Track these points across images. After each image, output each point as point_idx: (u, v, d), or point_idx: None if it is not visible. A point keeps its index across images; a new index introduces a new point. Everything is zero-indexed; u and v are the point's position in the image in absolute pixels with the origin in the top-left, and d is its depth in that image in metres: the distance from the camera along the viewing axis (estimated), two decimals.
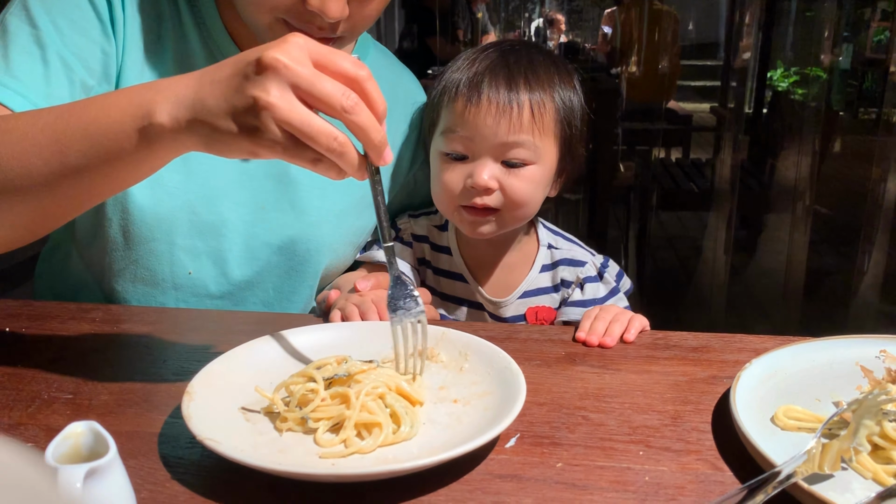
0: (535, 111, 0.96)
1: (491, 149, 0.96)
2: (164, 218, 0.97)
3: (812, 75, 4.81)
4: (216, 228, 1.00)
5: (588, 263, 1.07)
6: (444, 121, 1.00)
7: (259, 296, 1.05)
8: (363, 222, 1.09)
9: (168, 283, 1.01)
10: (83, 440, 0.54)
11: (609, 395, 0.75)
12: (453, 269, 1.10)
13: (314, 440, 0.66)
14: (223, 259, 1.01)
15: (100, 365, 0.82)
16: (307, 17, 0.83)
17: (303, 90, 0.60)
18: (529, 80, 0.96)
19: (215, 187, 0.98)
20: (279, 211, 1.02)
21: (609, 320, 0.88)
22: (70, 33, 0.88)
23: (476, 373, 0.75)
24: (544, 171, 0.99)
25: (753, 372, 0.74)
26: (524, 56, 0.99)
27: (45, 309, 0.97)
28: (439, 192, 1.02)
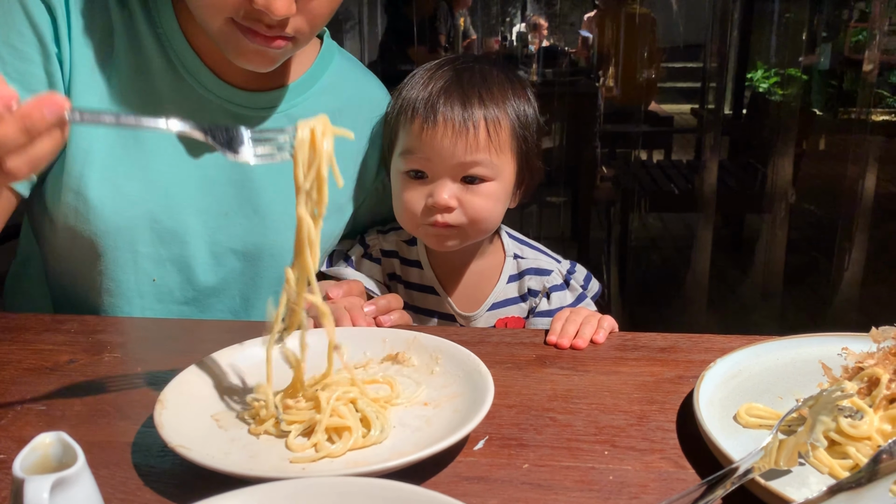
0: (491, 130, 0.98)
1: (449, 168, 0.98)
2: (126, 227, 0.98)
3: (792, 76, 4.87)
4: (179, 236, 1.00)
5: (554, 272, 1.09)
6: (402, 141, 1.02)
7: (225, 302, 1.06)
8: (328, 227, 1.10)
9: (133, 291, 1.02)
10: (52, 451, 0.54)
11: (577, 396, 0.76)
12: (424, 283, 1.11)
13: (286, 444, 0.66)
14: (188, 266, 1.02)
15: (73, 376, 0.82)
16: (255, 15, 0.85)
17: None
18: (484, 99, 0.98)
19: (176, 195, 0.99)
20: (243, 217, 1.02)
21: (579, 322, 0.90)
22: (12, 60, 0.90)
23: (446, 376, 0.76)
24: (503, 185, 1.01)
25: (718, 371, 0.75)
26: (478, 73, 1.01)
27: (19, 321, 0.97)
28: (402, 212, 1.04)
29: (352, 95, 1.11)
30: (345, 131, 0.71)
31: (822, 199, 3.64)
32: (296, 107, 1.05)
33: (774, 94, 5.20)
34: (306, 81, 1.07)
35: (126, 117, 0.67)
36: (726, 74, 4.22)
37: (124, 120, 0.67)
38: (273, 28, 0.87)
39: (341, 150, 1.08)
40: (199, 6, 0.88)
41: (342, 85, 1.10)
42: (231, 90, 1.01)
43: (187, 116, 0.98)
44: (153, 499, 0.61)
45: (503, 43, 5.21)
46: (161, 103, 0.98)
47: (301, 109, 1.05)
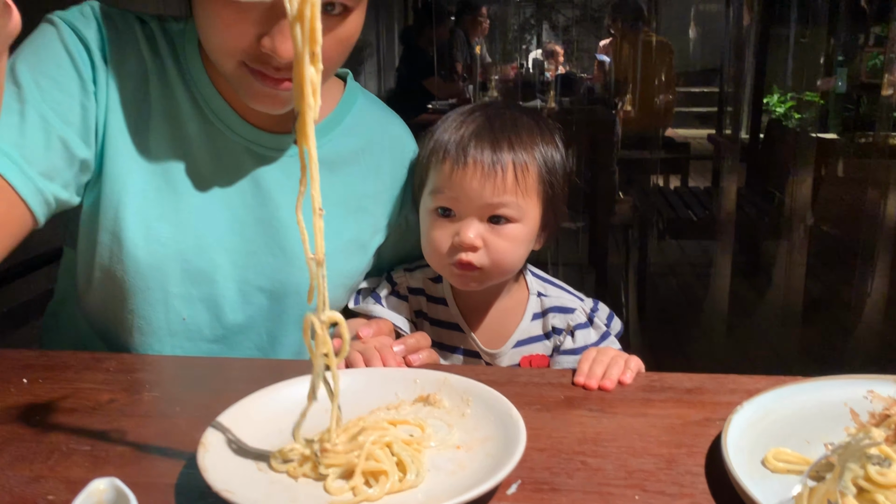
0: (519, 173, 1.01)
1: (477, 209, 1.02)
2: (158, 267, 1.01)
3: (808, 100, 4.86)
4: (209, 275, 1.03)
5: (577, 310, 1.11)
6: (432, 180, 1.05)
7: (252, 339, 1.09)
8: (352, 265, 1.12)
9: (164, 329, 1.05)
10: (106, 497, 0.57)
11: (606, 439, 0.78)
12: (449, 319, 1.14)
13: (324, 488, 0.68)
14: (217, 304, 1.05)
15: (115, 415, 0.85)
16: (264, 58, 0.89)
17: None
18: (513, 143, 1.02)
19: (206, 235, 1.02)
20: (269, 255, 1.05)
21: (607, 363, 0.92)
22: (50, 90, 0.94)
23: (478, 419, 0.78)
24: (528, 228, 1.04)
25: (744, 415, 0.77)
26: (508, 119, 1.05)
27: (60, 359, 1.00)
28: (429, 249, 1.07)
29: (374, 135, 1.14)
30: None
31: (841, 224, 3.63)
32: (320, 148, 1.08)
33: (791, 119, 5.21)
34: (330, 122, 1.10)
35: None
36: (743, 99, 4.23)
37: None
38: (281, 70, 0.90)
39: (364, 189, 1.12)
40: (213, 50, 0.93)
41: (365, 125, 1.14)
42: (256, 132, 1.04)
43: (215, 158, 1.03)
44: None
45: (519, 70, 5.27)
46: (191, 147, 1.02)
47: (325, 150, 1.08)
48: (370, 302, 1.14)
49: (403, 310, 1.14)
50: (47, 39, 0.96)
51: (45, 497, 0.70)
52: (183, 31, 1.04)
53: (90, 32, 0.97)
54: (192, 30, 1.03)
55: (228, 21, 0.87)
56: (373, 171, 1.13)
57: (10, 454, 0.77)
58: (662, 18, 4.93)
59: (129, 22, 1.02)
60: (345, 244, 1.11)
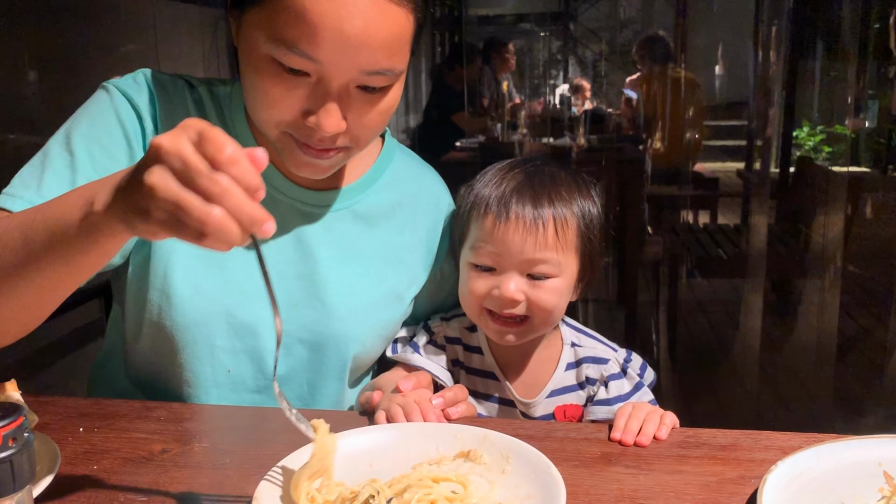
0: (559, 228, 1.04)
1: (517, 264, 1.05)
2: (205, 323, 1.05)
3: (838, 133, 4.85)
4: (252, 328, 1.07)
5: (611, 360, 1.13)
6: (473, 234, 1.09)
7: (293, 389, 1.12)
8: (390, 316, 1.16)
9: (210, 381, 1.09)
10: None
11: (644, 497, 0.80)
12: (485, 368, 1.16)
13: None
14: (260, 357, 1.09)
15: (168, 466, 0.88)
16: (307, 131, 0.93)
17: (179, 173, 0.64)
18: (553, 199, 1.05)
19: (250, 290, 1.06)
20: (310, 308, 1.09)
21: (642, 419, 0.94)
22: (101, 159, 0.99)
23: (518, 475, 0.81)
24: (566, 282, 1.07)
25: (779, 474, 0.78)
26: (547, 175, 1.08)
27: (112, 407, 1.04)
28: (468, 300, 1.10)
29: (411, 189, 1.19)
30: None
31: (874, 261, 3.59)
32: (359, 203, 1.13)
33: (821, 152, 5.18)
34: (369, 178, 1.14)
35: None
36: (772, 133, 4.22)
37: None
38: (324, 141, 0.94)
39: (401, 241, 1.16)
40: (258, 120, 0.98)
41: (402, 180, 1.18)
42: (300, 190, 1.09)
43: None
44: None
45: (546, 105, 5.31)
46: None
47: (364, 205, 1.13)
48: (409, 351, 1.17)
49: (441, 359, 1.17)
50: (101, 107, 1.02)
51: None
52: (230, 94, 1.09)
53: (142, 99, 1.03)
54: (238, 93, 1.08)
55: (275, 96, 0.92)
56: (409, 224, 1.17)
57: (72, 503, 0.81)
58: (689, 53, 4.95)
59: (179, 87, 1.07)
60: (382, 295, 1.14)
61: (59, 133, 1.00)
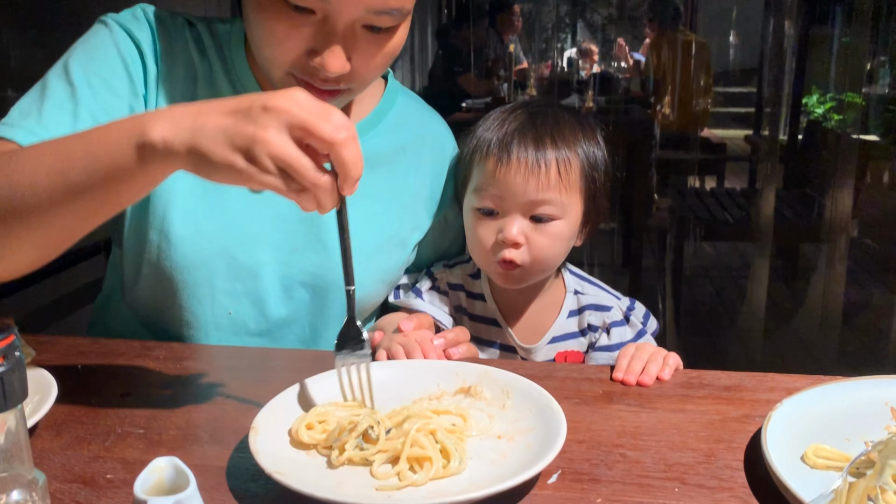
0: (562, 169, 1.02)
1: (520, 206, 1.03)
2: (205, 263, 1.04)
3: (848, 101, 4.78)
4: (253, 271, 1.06)
5: (614, 308, 1.12)
6: (475, 178, 1.07)
7: (295, 332, 1.11)
8: (393, 261, 1.15)
9: (210, 324, 1.08)
10: (166, 474, 0.59)
11: (645, 433, 0.79)
12: (487, 315, 1.15)
13: (370, 472, 0.71)
14: (261, 299, 1.08)
15: (166, 401, 0.88)
16: (312, 70, 0.91)
17: (299, 127, 0.67)
18: (556, 140, 1.03)
19: (251, 232, 1.05)
20: (311, 251, 1.07)
21: (645, 359, 0.92)
22: (102, 92, 0.97)
23: (518, 410, 0.80)
24: (569, 225, 1.05)
25: (784, 411, 0.77)
26: (550, 116, 1.06)
27: (112, 346, 1.03)
28: (475, 246, 1.09)
29: (415, 133, 1.16)
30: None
31: (883, 229, 3.56)
32: (362, 146, 1.10)
33: (830, 120, 5.12)
34: (372, 121, 1.12)
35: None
36: (782, 100, 4.17)
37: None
38: (328, 82, 0.92)
39: (405, 186, 1.14)
40: (262, 59, 0.95)
41: (406, 123, 1.16)
42: None
43: None
44: None
45: (554, 69, 5.25)
46: None
47: (366, 148, 1.09)
48: (411, 296, 1.16)
49: (444, 304, 1.16)
50: (100, 40, 1.00)
51: (105, 476, 0.73)
52: (229, 32, 1.07)
53: (142, 34, 1.01)
54: (238, 31, 1.05)
55: (279, 34, 0.89)
56: (413, 169, 1.15)
57: (69, 436, 0.80)
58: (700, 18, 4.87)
59: (179, 24, 1.05)
60: (385, 240, 1.13)
61: (56, 65, 0.98)
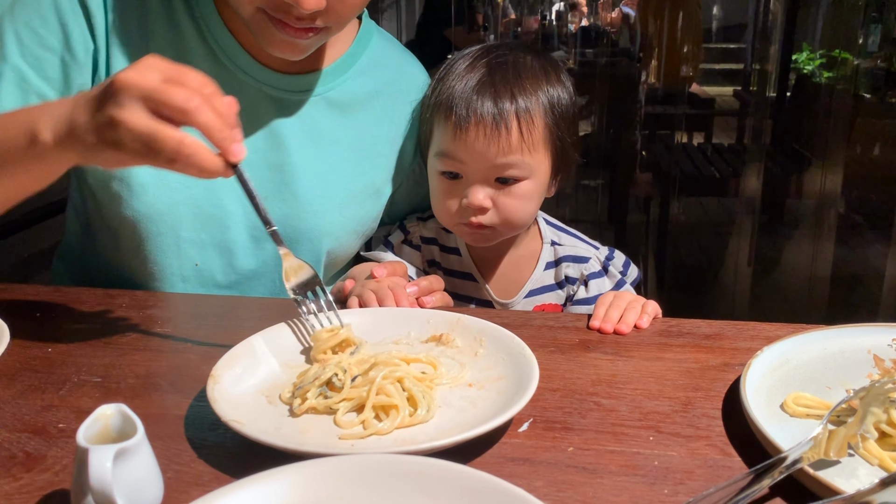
0: (524, 129, 0.98)
1: (483, 170, 0.99)
2: (169, 213, 1.00)
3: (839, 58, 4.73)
4: (220, 220, 1.02)
5: (591, 259, 1.09)
6: (437, 140, 1.03)
7: (265, 285, 1.08)
8: (365, 211, 1.11)
9: (176, 275, 1.04)
10: (112, 422, 0.56)
11: (621, 381, 0.76)
12: (463, 269, 1.12)
13: (334, 421, 0.68)
14: (229, 250, 1.04)
15: (127, 349, 0.85)
16: (284, 7, 0.86)
17: (151, 100, 0.66)
18: (515, 94, 0.98)
19: (218, 181, 1.00)
20: (281, 201, 1.03)
21: (623, 307, 0.90)
22: (31, 45, 0.92)
23: (490, 358, 0.77)
24: (537, 183, 1.02)
25: (765, 360, 0.75)
26: (511, 67, 1.00)
27: (73, 294, 1.00)
28: (441, 210, 1.05)
29: (390, 77, 1.11)
30: None
31: (870, 185, 3.55)
32: (333, 90, 1.06)
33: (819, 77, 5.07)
34: (344, 63, 1.07)
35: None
36: (771, 56, 4.12)
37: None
38: (302, 20, 0.87)
39: (378, 132, 1.10)
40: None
41: (380, 66, 1.11)
42: (269, 73, 1.02)
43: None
44: (206, 471, 0.63)
45: (542, 22, 5.16)
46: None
47: (339, 92, 1.06)
48: (381, 249, 1.12)
49: (415, 259, 1.13)
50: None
51: (56, 425, 0.70)
52: None
53: None
54: None
55: None
56: (387, 115, 1.11)
57: (23, 384, 0.77)
58: None
59: None
60: (359, 189, 1.09)
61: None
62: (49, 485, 0.61)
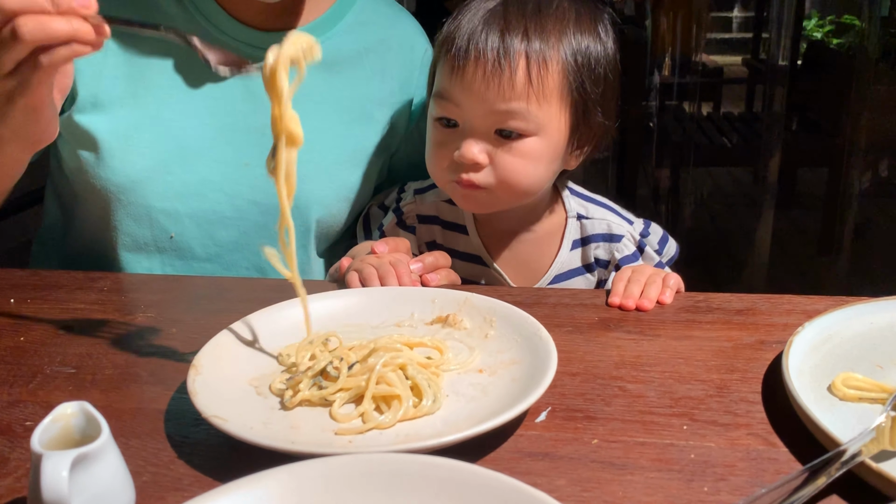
0: (533, 71, 0.82)
1: (481, 117, 0.85)
2: (138, 180, 0.94)
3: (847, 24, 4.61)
4: (196, 189, 0.96)
5: (624, 237, 0.95)
6: (437, 81, 0.90)
7: (249, 258, 1.01)
8: (356, 178, 1.03)
9: (151, 247, 0.98)
10: (74, 422, 0.49)
11: (648, 363, 0.69)
12: (470, 251, 0.99)
13: (329, 414, 0.61)
14: (207, 220, 0.98)
15: (106, 336, 0.78)
16: None
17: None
18: (528, 31, 0.83)
19: (190, 146, 0.94)
20: (264, 167, 0.96)
21: (643, 282, 0.82)
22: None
23: (502, 340, 0.70)
24: (547, 144, 0.86)
25: (806, 336, 0.67)
26: (532, 1, 0.86)
27: (52, 278, 0.93)
28: (430, 163, 0.92)
29: (381, 34, 1.04)
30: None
31: (883, 151, 3.45)
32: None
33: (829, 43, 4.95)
34: (329, 19, 1.00)
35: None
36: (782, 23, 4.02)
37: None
38: None
39: (368, 92, 1.02)
40: None
41: (370, 23, 1.03)
42: (245, 30, 0.95)
43: (200, 61, 0.93)
44: (187, 473, 0.56)
45: None
46: (171, 49, 0.94)
47: (324, 50, 0.97)
48: (374, 235, 1.03)
49: (410, 245, 0.98)
50: None
51: (23, 423, 0.63)
52: None
53: None
54: None
55: None
56: (378, 74, 1.03)
57: None
58: None
59: None
60: (348, 153, 1.01)
61: None
62: (9, 492, 0.54)
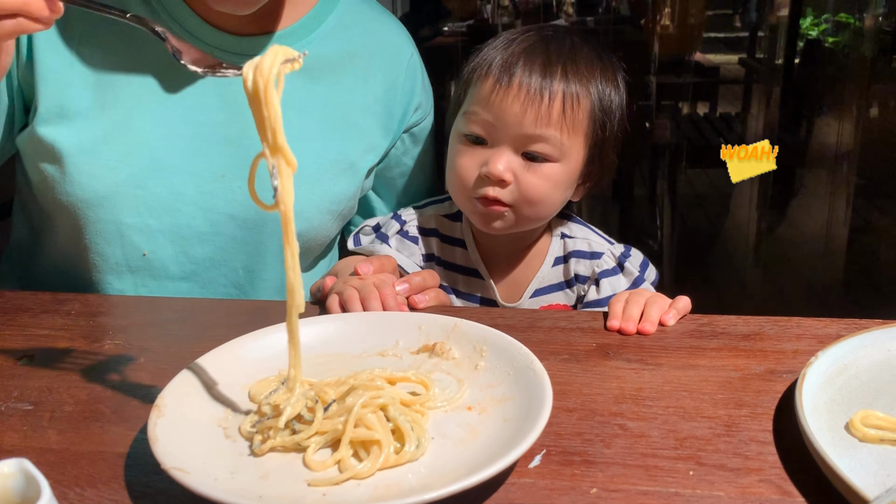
0: (567, 105, 0.87)
1: (513, 138, 0.87)
2: (107, 195, 0.89)
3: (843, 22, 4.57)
4: (169, 203, 0.91)
5: (604, 254, 0.96)
6: (468, 100, 0.91)
7: (227, 276, 0.97)
8: (340, 188, 0.98)
9: (122, 266, 0.93)
10: (12, 483, 0.44)
11: (650, 397, 0.64)
12: (468, 265, 0.99)
13: (303, 460, 0.56)
14: (181, 236, 0.93)
15: (69, 367, 0.72)
16: None
17: None
18: (567, 71, 0.87)
19: (162, 158, 0.89)
20: (241, 179, 0.92)
21: (643, 304, 0.77)
22: None
23: (494, 372, 0.65)
24: (567, 171, 0.90)
25: (820, 368, 0.63)
26: (566, 44, 0.90)
27: (17, 300, 0.87)
28: (453, 178, 0.93)
29: (364, 39, 0.99)
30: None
31: (882, 151, 3.42)
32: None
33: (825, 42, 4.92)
34: (308, 24, 0.95)
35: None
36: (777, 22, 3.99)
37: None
38: None
39: (351, 99, 0.97)
40: None
41: (354, 26, 0.99)
42: (220, 35, 0.90)
43: (171, 68, 0.87)
44: None
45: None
46: (141, 56, 0.88)
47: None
48: (376, 243, 0.99)
49: (415, 252, 1.00)
50: None
51: None
52: None
53: None
54: None
55: None
56: (361, 80, 0.98)
57: None
58: None
59: None
60: (330, 163, 0.97)
61: None
62: None
